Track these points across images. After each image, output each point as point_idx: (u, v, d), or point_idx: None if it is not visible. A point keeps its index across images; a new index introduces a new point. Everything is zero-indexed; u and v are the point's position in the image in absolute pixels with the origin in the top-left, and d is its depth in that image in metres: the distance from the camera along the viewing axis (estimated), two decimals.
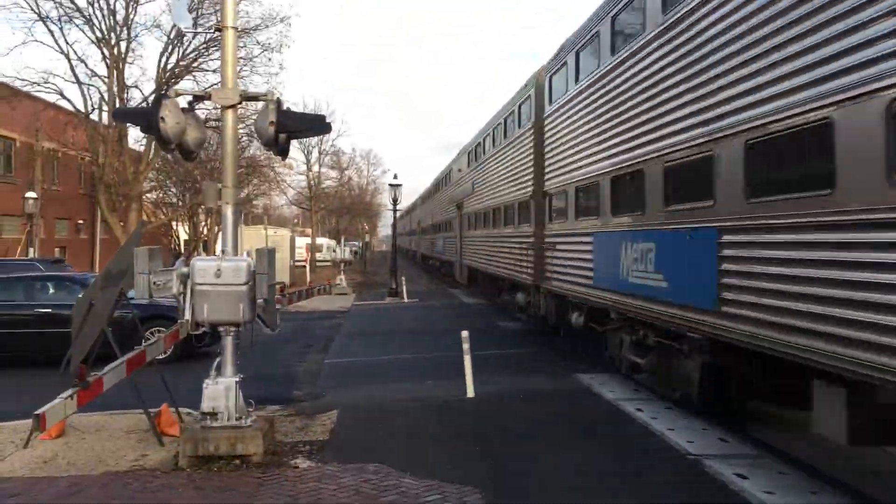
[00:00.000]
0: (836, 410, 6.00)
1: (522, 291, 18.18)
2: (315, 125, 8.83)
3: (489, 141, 22.80)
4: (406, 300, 28.98)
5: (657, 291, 9.12)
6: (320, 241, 64.15)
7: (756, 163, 6.80)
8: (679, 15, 8.49)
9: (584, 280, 12.25)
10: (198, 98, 8.94)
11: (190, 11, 28.71)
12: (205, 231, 41.56)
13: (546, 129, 14.99)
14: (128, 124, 27.97)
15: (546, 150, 14.94)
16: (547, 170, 14.84)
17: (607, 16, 11.20)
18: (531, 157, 16.19)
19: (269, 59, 33.39)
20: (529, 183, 16.34)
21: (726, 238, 7.29)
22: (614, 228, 10.78)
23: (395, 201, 33.09)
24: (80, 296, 8.87)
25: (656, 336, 9.66)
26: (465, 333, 10.82)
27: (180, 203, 40.01)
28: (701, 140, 7.85)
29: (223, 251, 7.83)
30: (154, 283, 7.45)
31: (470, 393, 10.38)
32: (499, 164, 20.71)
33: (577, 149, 12.70)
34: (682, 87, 8.40)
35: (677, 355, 8.93)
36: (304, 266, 43.06)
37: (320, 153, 56.99)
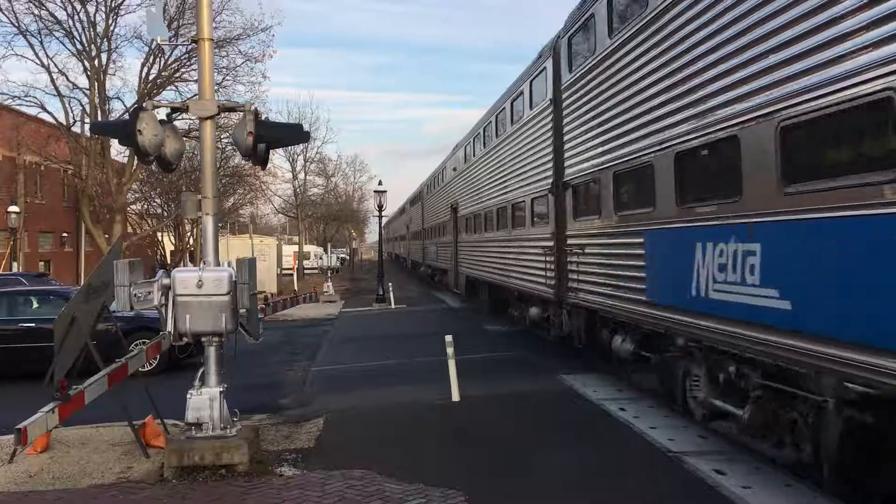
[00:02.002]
0: None
1: None
2: (292, 134, 8.90)
3: None
4: (393, 306, 29.01)
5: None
6: (307, 248, 64.05)
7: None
8: None
9: None
10: (176, 110, 9.00)
11: (171, 22, 28.81)
12: (191, 241, 41.45)
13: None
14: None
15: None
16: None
17: None
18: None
19: (252, 69, 33.19)
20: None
21: None
22: None
23: (380, 207, 33.26)
24: (62, 310, 8.89)
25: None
26: (448, 338, 10.86)
27: (165, 214, 39.90)
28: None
29: (203, 261, 7.88)
30: (135, 295, 7.47)
31: (455, 397, 10.44)
32: None
33: None
34: None
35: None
36: (292, 274, 43.04)
37: (306, 160, 56.93)
